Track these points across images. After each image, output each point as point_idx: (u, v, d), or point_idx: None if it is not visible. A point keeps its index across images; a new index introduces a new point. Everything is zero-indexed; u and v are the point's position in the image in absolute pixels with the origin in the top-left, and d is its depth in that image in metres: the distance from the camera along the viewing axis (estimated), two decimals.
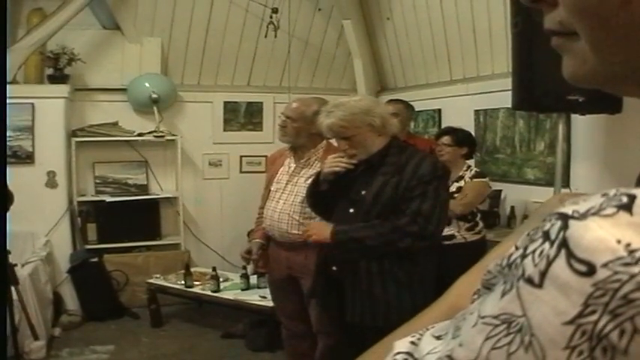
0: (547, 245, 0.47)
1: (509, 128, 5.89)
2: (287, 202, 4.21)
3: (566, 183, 4.92)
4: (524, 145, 5.74)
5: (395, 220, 3.27)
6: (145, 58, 7.12)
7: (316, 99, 4.41)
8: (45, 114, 6.41)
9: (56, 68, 6.56)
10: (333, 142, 4.36)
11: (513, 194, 5.79)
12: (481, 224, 5.03)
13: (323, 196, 3.64)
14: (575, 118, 4.66)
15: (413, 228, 3.24)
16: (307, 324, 4.40)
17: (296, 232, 4.12)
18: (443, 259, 4.67)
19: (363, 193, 3.39)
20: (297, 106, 4.27)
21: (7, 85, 4.88)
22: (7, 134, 5.63)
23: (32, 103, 6.32)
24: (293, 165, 4.32)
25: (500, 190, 5.83)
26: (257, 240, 4.48)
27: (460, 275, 1.00)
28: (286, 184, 4.27)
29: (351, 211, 3.44)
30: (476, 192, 4.90)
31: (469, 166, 5.08)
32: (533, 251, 0.48)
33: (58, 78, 6.59)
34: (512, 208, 5.73)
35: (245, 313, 5.95)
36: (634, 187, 0.48)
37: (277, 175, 4.38)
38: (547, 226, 0.49)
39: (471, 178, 4.93)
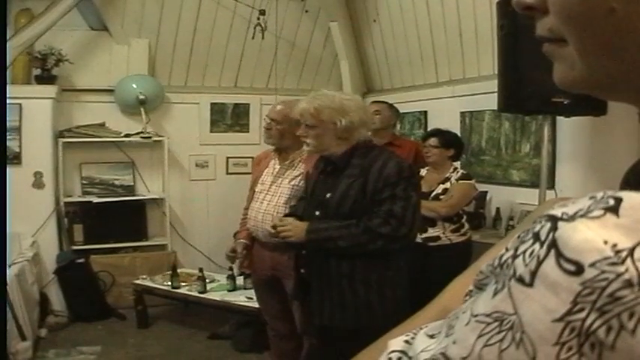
0: (537, 246, 0.49)
1: (494, 130, 5.91)
2: (271, 203, 4.24)
3: (551, 185, 4.94)
4: (509, 146, 5.77)
5: (367, 221, 3.23)
6: (133, 59, 7.11)
7: (300, 101, 4.43)
8: (32, 114, 6.39)
9: (44, 69, 6.54)
10: None
11: (499, 196, 5.81)
12: (467, 226, 5.05)
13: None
14: (561, 120, 4.69)
15: (385, 229, 3.20)
16: (292, 324, 4.41)
17: None
18: (428, 260, 4.72)
19: (328, 195, 3.37)
20: (281, 108, 4.32)
21: None
22: None
23: (19, 104, 6.29)
24: (277, 166, 4.36)
25: (486, 192, 5.85)
26: (241, 240, 4.51)
27: (445, 276, 1.02)
28: (270, 185, 4.31)
29: (317, 213, 3.44)
30: (461, 194, 4.92)
31: (455, 168, 5.10)
32: (524, 252, 0.50)
33: (46, 79, 6.57)
34: (498, 209, 5.75)
35: (232, 314, 5.96)
36: (619, 190, 0.50)
37: (262, 177, 4.42)
38: (537, 227, 0.50)
39: (457, 179, 4.95)
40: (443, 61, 6.61)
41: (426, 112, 6.83)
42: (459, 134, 5.50)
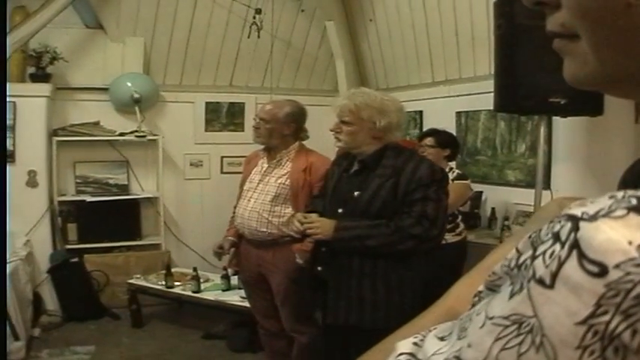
0: (558, 246, 0.48)
1: (490, 130, 5.91)
2: (257, 201, 4.32)
3: (547, 185, 4.94)
4: (505, 146, 5.77)
5: (398, 221, 3.24)
6: (128, 57, 7.08)
7: (289, 101, 4.58)
8: (26, 113, 6.37)
9: (38, 67, 6.52)
10: (306, 144, 4.46)
11: (494, 196, 5.81)
12: (462, 226, 5.05)
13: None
14: (557, 120, 4.69)
15: (417, 230, 3.21)
16: (281, 322, 4.50)
17: (265, 229, 4.27)
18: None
19: (356, 194, 3.37)
20: (270, 108, 4.43)
21: None
22: None
23: (14, 102, 6.26)
24: (265, 165, 4.44)
25: (481, 192, 5.85)
26: (229, 237, 4.59)
27: (441, 275, 1.00)
28: (258, 183, 4.39)
29: (340, 211, 3.44)
30: (457, 194, 4.91)
31: (451, 168, 5.10)
32: (544, 252, 0.49)
33: (40, 77, 6.55)
34: (493, 209, 5.75)
35: (226, 313, 5.94)
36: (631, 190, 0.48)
37: (250, 175, 4.50)
38: (557, 227, 0.49)
39: (453, 179, 4.94)
40: (439, 61, 6.61)
41: (421, 111, 6.84)
42: (454, 134, 5.50)
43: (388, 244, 3.25)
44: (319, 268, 3.54)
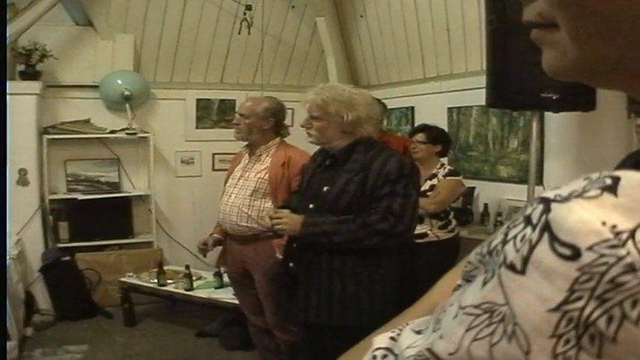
0: (529, 230, 0.46)
1: (482, 126, 5.91)
2: (238, 196, 4.37)
3: (539, 180, 4.94)
4: (497, 142, 5.77)
5: (365, 217, 3.21)
6: (118, 54, 7.05)
7: (267, 97, 4.69)
8: (16, 111, 6.31)
9: (28, 64, 6.47)
10: (294, 141, 4.47)
11: (486, 192, 5.82)
12: (454, 222, 5.05)
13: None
14: (549, 115, 4.68)
15: (382, 226, 3.18)
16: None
17: (245, 224, 4.30)
18: (415, 257, 4.71)
19: (325, 189, 3.35)
20: (249, 104, 4.49)
21: None
22: None
23: None
24: (247, 161, 4.49)
25: (474, 188, 5.85)
26: (214, 235, 4.65)
27: (432, 273, 0.99)
28: (239, 179, 4.45)
29: (311, 206, 3.42)
30: (449, 190, 4.92)
31: (443, 164, 5.09)
32: (515, 236, 0.47)
33: (30, 74, 6.51)
34: (486, 205, 5.75)
35: (219, 311, 5.93)
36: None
37: (234, 172, 4.56)
38: (529, 210, 0.47)
39: (444, 176, 4.94)
40: (430, 57, 6.60)
41: (413, 107, 6.84)
42: (446, 130, 5.50)
43: (354, 240, 3.21)
44: (291, 265, 3.52)
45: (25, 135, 6.42)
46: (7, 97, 6.15)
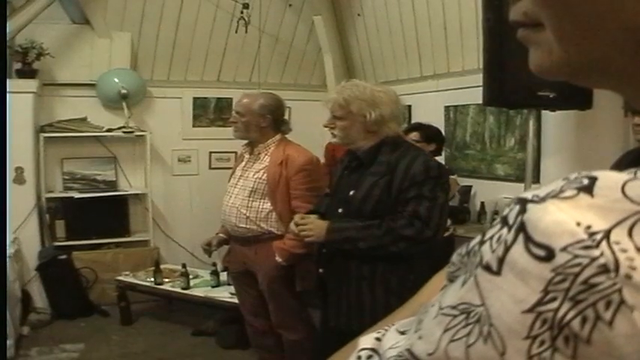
0: (505, 230, 0.46)
1: (479, 124, 5.92)
2: (238, 197, 4.32)
3: (536, 179, 4.94)
4: (494, 141, 5.77)
5: (390, 221, 3.10)
6: (115, 53, 7.04)
7: (263, 93, 4.61)
8: (13, 109, 6.29)
9: (24, 63, 6.46)
10: (294, 139, 4.45)
11: (483, 190, 5.82)
12: (449, 221, 5.04)
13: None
14: (546, 114, 4.69)
15: (409, 231, 3.07)
16: (268, 320, 4.48)
17: (243, 225, 4.26)
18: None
19: (352, 193, 3.25)
20: (245, 101, 4.41)
21: None
22: None
23: None
24: (247, 160, 4.44)
25: (471, 186, 5.85)
26: (219, 234, 4.60)
27: (427, 272, 0.99)
28: (239, 178, 4.40)
29: (340, 211, 3.33)
30: None
31: None
32: (491, 237, 0.47)
33: (27, 73, 6.49)
34: (483, 204, 5.76)
35: (215, 310, 5.93)
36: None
37: (235, 171, 4.51)
38: (506, 211, 0.47)
39: None
40: (427, 55, 6.60)
41: (409, 106, 6.82)
42: (443, 129, 5.50)
43: (380, 246, 3.11)
44: (321, 270, 3.45)
45: (21, 133, 6.40)
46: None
